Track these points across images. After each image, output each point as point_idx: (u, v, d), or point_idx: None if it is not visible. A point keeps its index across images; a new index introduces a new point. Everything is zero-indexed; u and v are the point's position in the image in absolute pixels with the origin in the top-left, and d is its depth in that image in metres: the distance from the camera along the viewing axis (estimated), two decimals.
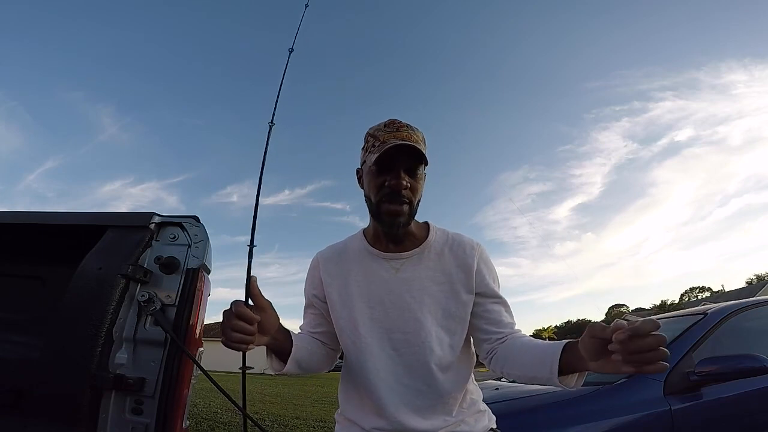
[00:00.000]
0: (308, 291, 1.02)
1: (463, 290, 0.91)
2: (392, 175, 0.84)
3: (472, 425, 0.90)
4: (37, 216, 1.24)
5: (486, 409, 0.98)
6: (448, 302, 0.90)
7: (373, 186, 0.88)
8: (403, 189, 0.84)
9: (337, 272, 0.97)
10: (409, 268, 0.92)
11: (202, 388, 7.86)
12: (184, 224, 1.16)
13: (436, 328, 0.89)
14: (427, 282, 0.91)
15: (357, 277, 0.94)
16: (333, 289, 0.96)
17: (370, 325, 0.90)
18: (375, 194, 0.88)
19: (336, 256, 1.00)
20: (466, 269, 0.92)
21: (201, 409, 6.21)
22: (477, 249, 0.95)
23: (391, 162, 0.84)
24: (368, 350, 0.89)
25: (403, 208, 0.86)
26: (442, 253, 0.94)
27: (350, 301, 0.93)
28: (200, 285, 1.11)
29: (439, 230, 0.98)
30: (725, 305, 2.13)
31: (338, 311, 0.94)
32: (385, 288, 0.91)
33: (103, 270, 1.06)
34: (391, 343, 0.89)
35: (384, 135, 0.85)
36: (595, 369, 0.68)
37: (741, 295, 28.39)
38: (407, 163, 0.85)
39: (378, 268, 0.94)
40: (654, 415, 1.57)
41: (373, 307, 0.91)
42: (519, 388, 2.09)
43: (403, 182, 0.84)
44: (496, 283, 0.95)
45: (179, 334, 1.04)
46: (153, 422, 0.99)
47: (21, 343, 1.22)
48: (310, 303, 1.01)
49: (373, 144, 0.87)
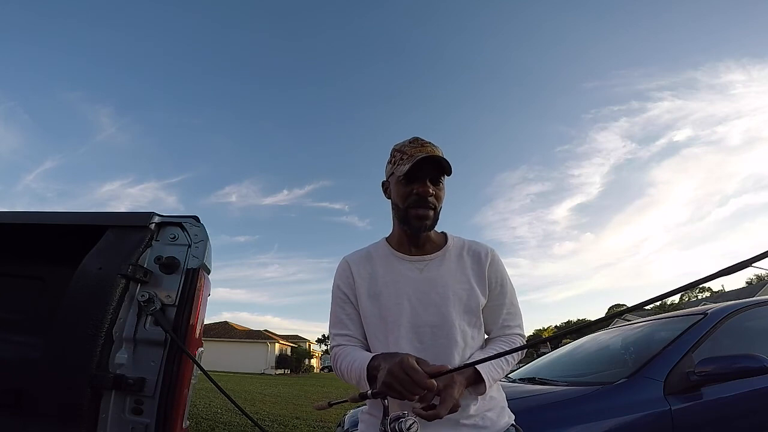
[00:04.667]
0: (343, 290, 1.05)
1: (480, 290, 1.00)
2: (419, 183, 0.97)
3: (493, 420, 0.94)
4: (37, 216, 1.24)
5: (506, 405, 1.02)
6: (470, 299, 0.99)
7: (402, 194, 0.99)
8: (429, 196, 0.97)
9: (365, 272, 1.05)
10: (433, 268, 1.01)
11: (202, 388, 7.87)
12: (184, 224, 1.16)
13: (460, 322, 0.96)
14: (449, 280, 0.99)
15: (385, 277, 1.02)
16: (363, 289, 1.03)
17: (398, 320, 0.96)
18: (403, 201, 0.99)
19: (363, 259, 1.08)
20: (481, 272, 1.02)
21: (201, 409, 6.21)
22: (490, 254, 1.05)
23: (419, 173, 0.96)
24: (396, 343, 0.94)
25: (429, 212, 0.98)
26: (461, 256, 1.04)
27: (379, 298, 1.00)
28: (200, 285, 1.12)
29: (456, 238, 1.09)
30: (725, 305, 2.13)
31: (368, 308, 1.01)
32: (412, 286, 0.99)
33: (103, 270, 1.06)
34: (418, 336, 0.95)
35: (411, 150, 0.98)
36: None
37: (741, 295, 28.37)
38: (432, 174, 0.98)
39: (403, 268, 1.02)
40: (654, 415, 1.56)
41: (400, 303, 0.98)
42: (519, 388, 2.09)
43: (429, 189, 0.96)
44: (504, 286, 1.04)
45: (179, 334, 1.04)
46: (153, 422, 0.99)
47: (21, 343, 1.21)
48: (347, 302, 1.04)
49: (401, 158, 0.99)
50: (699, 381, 1.65)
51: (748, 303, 2.13)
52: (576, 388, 1.78)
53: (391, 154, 1.04)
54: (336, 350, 1.01)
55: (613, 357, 2.39)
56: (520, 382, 2.36)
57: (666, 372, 1.69)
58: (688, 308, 3.17)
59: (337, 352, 1.01)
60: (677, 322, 2.17)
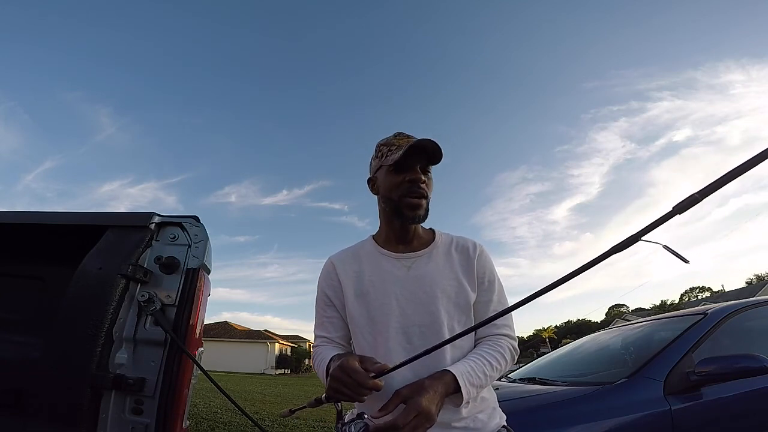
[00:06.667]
0: (325, 293, 1.04)
1: (469, 287, 0.97)
2: (411, 171, 0.95)
3: (484, 421, 0.92)
4: (37, 216, 1.24)
5: (497, 406, 1.00)
6: (459, 297, 0.96)
7: (393, 184, 0.97)
8: (421, 183, 0.95)
9: (351, 272, 1.02)
10: (420, 266, 0.99)
11: (202, 388, 7.86)
12: (184, 224, 1.16)
13: (449, 320, 0.93)
14: (437, 278, 0.96)
15: (371, 276, 0.99)
16: (349, 288, 1.00)
17: (385, 320, 0.94)
18: (395, 191, 0.97)
19: (349, 257, 1.05)
20: (469, 267, 0.99)
21: (201, 409, 6.21)
22: (478, 248, 1.02)
23: (409, 160, 0.95)
24: (385, 344, 0.92)
25: (422, 201, 0.96)
26: (449, 252, 1.01)
27: (366, 298, 0.97)
28: (200, 285, 1.11)
29: (444, 234, 1.07)
30: (725, 305, 2.12)
31: (355, 308, 0.98)
32: (399, 285, 0.97)
33: (103, 270, 1.06)
34: (407, 336, 0.93)
35: (398, 141, 0.97)
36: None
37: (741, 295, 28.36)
38: (421, 162, 0.96)
39: (390, 267, 0.99)
40: (654, 415, 1.56)
41: (388, 303, 0.95)
42: (519, 388, 2.09)
43: (420, 176, 0.95)
44: (492, 282, 1.00)
45: (179, 334, 1.04)
46: (153, 422, 0.99)
47: (21, 343, 1.21)
48: (330, 305, 1.03)
49: (388, 150, 0.97)
50: (699, 381, 1.65)
51: (748, 303, 2.13)
52: (576, 388, 1.78)
53: (376, 149, 1.03)
54: (314, 350, 1.02)
55: (613, 357, 2.39)
56: (520, 382, 2.36)
57: (666, 372, 1.69)
58: (688, 308, 3.17)
59: (314, 352, 1.02)
60: (677, 322, 2.17)
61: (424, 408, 0.73)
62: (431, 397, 0.76)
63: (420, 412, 0.72)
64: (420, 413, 0.72)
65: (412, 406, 0.73)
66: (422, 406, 0.73)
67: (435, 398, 0.76)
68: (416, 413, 0.72)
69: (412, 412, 0.72)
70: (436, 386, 0.78)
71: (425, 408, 0.73)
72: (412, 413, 0.72)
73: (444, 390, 0.79)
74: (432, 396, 0.76)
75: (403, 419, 0.71)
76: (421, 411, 0.73)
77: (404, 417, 0.71)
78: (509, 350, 0.95)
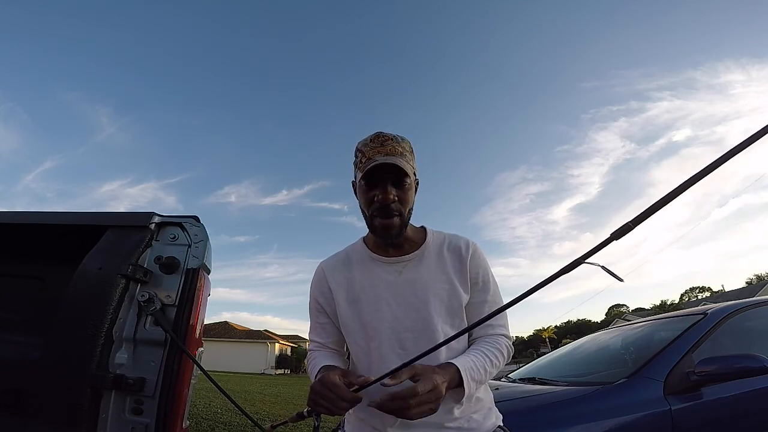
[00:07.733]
0: (317, 300, 1.03)
1: (462, 288, 0.95)
2: (380, 189, 0.89)
3: (479, 422, 0.91)
4: (37, 216, 1.24)
5: (493, 406, 0.99)
6: (451, 300, 0.94)
7: (364, 201, 0.93)
8: (392, 203, 0.89)
9: (342, 278, 1.00)
10: (412, 270, 0.96)
11: (202, 388, 7.85)
12: (184, 224, 1.16)
13: (442, 325, 0.92)
14: (429, 282, 0.94)
15: (362, 282, 0.98)
16: (340, 295, 0.99)
17: (378, 326, 0.93)
18: (367, 208, 0.93)
19: (340, 263, 1.03)
20: (462, 267, 0.96)
21: (201, 409, 6.20)
22: (471, 247, 0.99)
23: (379, 177, 0.89)
24: (378, 350, 0.92)
25: (393, 221, 0.91)
26: (440, 253, 0.98)
27: (358, 305, 0.96)
28: (200, 285, 1.11)
29: (436, 233, 1.03)
30: (725, 305, 2.12)
31: (347, 315, 0.97)
32: (391, 290, 0.95)
33: (103, 270, 1.06)
34: (400, 342, 0.92)
35: (370, 151, 0.90)
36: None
37: (741, 295, 28.37)
38: (394, 177, 0.89)
39: (382, 272, 0.97)
40: (654, 415, 1.56)
41: (379, 309, 0.94)
42: (519, 388, 2.09)
43: (390, 196, 0.88)
44: (487, 280, 0.98)
45: (179, 334, 1.04)
46: (153, 422, 0.99)
47: (21, 343, 1.21)
48: (321, 311, 1.03)
49: (360, 160, 0.92)
50: (699, 381, 1.65)
51: (748, 303, 2.13)
52: (576, 388, 1.78)
53: (354, 153, 0.96)
54: (308, 355, 1.03)
55: (613, 357, 2.39)
56: (520, 382, 2.36)
57: (666, 372, 1.69)
58: (688, 308, 3.17)
59: (308, 357, 1.02)
60: (677, 322, 2.17)
61: (438, 385, 0.74)
62: (443, 380, 0.77)
63: (435, 387, 0.74)
64: (434, 389, 0.73)
65: (429, 380, 0.74)
66: (437, 383, 0.74)
67: (445, 383, 0.77)
68: (432, 387, 0.73)
69: (429, 385, 0.73)
70: (445, 375, 0.79)
71: (439, 386, 0.74)
72: (429, 385, 0.73)
73: (449, 381, 0.80)
74: (443, 379, 0.77)
75: (423, 387, 0.72)
76: (436, 387, 0.74)
77: (423, 386, 0.72)
78: (507, 348, 0.95)
